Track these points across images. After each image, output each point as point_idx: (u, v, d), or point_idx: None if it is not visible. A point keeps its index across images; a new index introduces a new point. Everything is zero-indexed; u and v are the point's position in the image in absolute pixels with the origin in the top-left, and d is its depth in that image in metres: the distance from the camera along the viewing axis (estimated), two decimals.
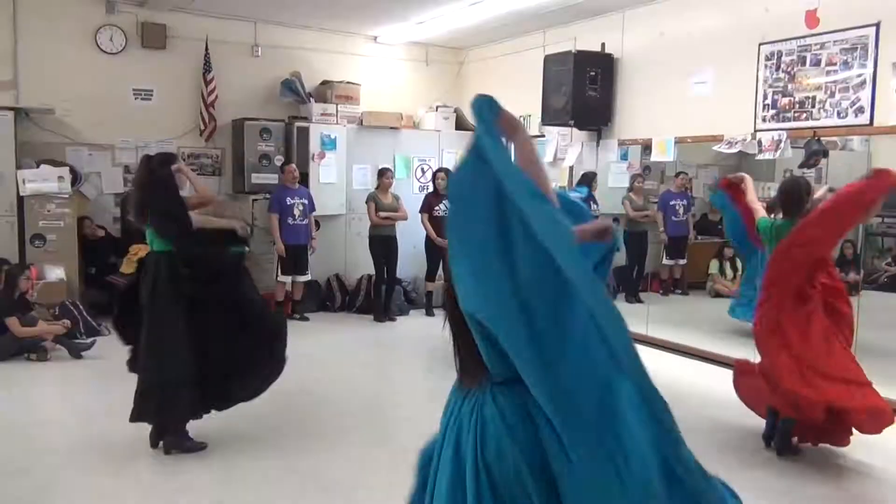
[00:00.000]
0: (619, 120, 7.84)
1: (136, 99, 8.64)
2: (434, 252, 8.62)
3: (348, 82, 9.41)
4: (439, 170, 8.80)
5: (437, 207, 8.45)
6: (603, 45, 7.90)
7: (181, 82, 8.79)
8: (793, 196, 4.48)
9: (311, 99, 9.19)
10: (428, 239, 8.59)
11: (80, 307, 7.38)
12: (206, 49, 8.70)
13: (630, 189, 9.21)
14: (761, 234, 4.68)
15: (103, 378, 5.90)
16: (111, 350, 6.78)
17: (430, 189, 8.83)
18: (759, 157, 6.40)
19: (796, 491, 4.08)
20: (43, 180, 7.57)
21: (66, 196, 7.66)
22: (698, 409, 5.35)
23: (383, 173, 8.55)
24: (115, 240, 8.28)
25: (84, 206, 8.25)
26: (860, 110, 5.65)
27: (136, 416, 4.35)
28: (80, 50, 8.30)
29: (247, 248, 8.63)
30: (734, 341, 6.53)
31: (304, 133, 8.89)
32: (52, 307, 7.16)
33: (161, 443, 4.39)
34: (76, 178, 8.07)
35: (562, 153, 8.53)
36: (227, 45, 8.92)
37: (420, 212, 8.58)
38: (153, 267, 4.34)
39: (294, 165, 8.35)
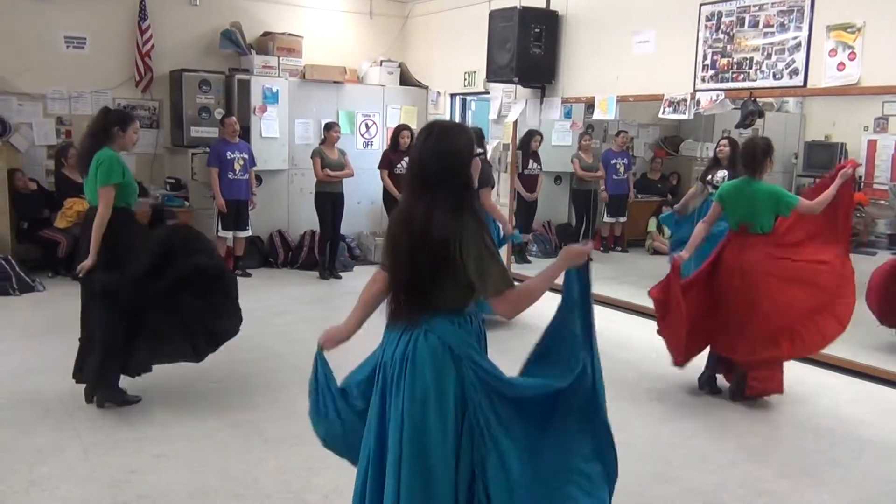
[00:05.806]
0: (563, 78, 7.85)
1: (67, 47, 8.30)
2: (394, 208, 8.41)
3: (290, 34, 9.21)
4: (403, 127, 8.45)
5: (398, 165, 8.27)
6: (548, 1, 7.88)
7: (115, 30, 8.48)
8: (753, 154, 4.62)
9: (251, 51, 8.97)
10: (387, 195, 8.31)
11: (13, 263, 7.18)
12: None
13: (579, 147, 9.32)
14: (724, 199, 4.78)
15: (36, 335, 5.79)
16: (45, 306, 6.67)
17: (389, 146, 8.53)
18: (698, 111, 6.50)
19: (724, 433, 4.28)
20: None
21: None
22: (636, 361, 5.56)
23: (331, 127, 8.37)
24: (49, 193, 8.02)
25: (14, 158, 7.94)
26: (795, 72, 5.79)
27: (77, 374, 4.36)
28: None
29: (186, 203, 8.51)
30: None
31: (244, 86, 8.69)
32: None
33: (95, 398, 4.37)
34: (5, 128, 7.77)
35: (506, 110, 8.53)
36: None
37: (379, 168, 8.38)
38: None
39: (234, 119, 8.16)
